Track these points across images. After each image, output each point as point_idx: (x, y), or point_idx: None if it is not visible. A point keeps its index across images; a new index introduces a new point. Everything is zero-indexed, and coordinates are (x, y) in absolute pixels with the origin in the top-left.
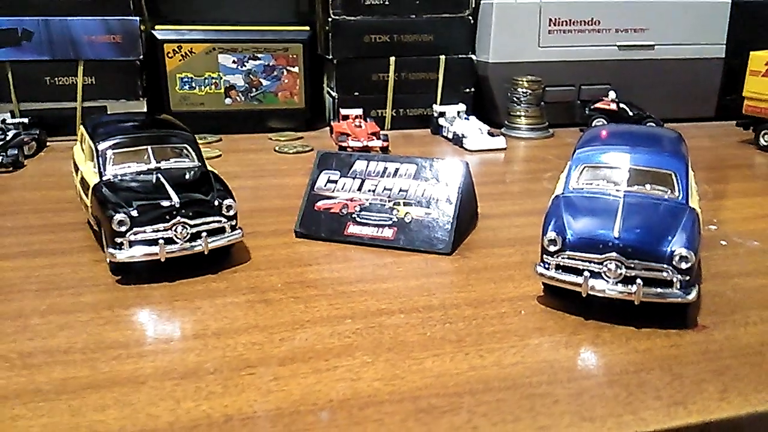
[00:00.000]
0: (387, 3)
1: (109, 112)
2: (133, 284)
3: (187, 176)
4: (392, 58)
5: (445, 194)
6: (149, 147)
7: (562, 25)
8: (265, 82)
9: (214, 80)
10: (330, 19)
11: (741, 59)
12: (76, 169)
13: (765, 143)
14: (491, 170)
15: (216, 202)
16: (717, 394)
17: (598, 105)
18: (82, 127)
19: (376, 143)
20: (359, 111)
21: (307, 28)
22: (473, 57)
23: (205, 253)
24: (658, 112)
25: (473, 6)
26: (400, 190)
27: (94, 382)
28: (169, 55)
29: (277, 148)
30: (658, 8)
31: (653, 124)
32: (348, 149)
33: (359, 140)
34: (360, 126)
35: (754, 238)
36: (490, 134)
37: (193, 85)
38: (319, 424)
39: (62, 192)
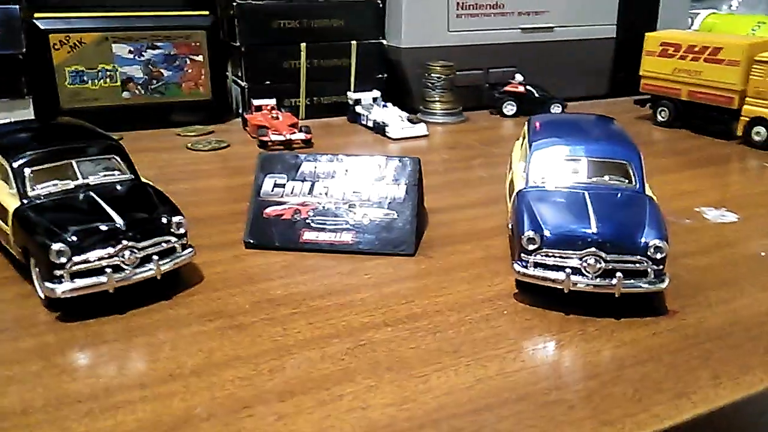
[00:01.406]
0: None
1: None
2: (77, 321)
3: (121, 192)
4: (303, 44)
5: (401, 193)
6: (73, 161)
7: (469, 9)
8: (166, 73)
9: (109, 73)
10: (235, 4)
11: (630, 38)
12: None
13: (662, 119)
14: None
15: (164, 220)
16: (711, 380)
17: (507, 88)
18: None
19: (299, 136)
20: (273, 101)
21: (207, 12)
22: (384, 42)
23: (158, 278)
24: (559, 91)
25: None
26: (354, 192)
27: None
28: (56, 46)
29: (189, 145)
30: None
31: (559, 105)
32: (269, 144)
33: (281, 134)
34: (277, 118)
35: (685, 216)
36: (410, 121)
37: (85, 78)
38: None
39: None
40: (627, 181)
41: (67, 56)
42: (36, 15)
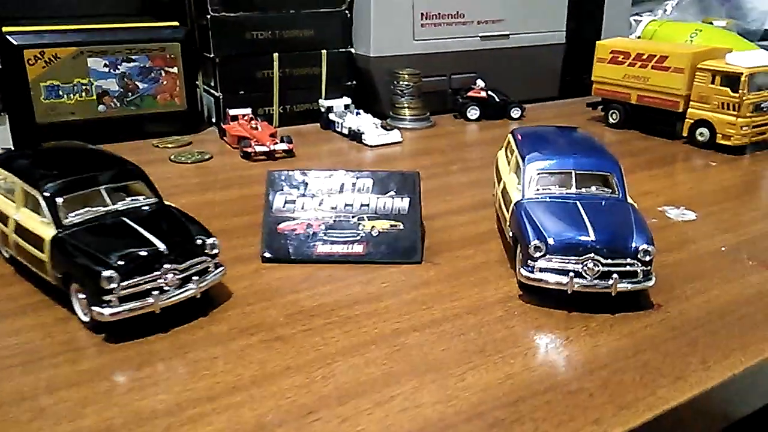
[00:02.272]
0: None
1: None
2: (125, 341)
3: (150, 216)
4: (275, 54)
5: (405, 205)
6: (101, 188)
7: (432, 18)
8: (142, 86)
9: (84, 87)
10: (209, 16)
11: (577, 44)
12: (2, 219)
13: (613, 121)
14: (400, 167)
15: (199, 242)
16: (701, 365)
17: (470, 94)
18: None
19: (281, 146)
20: (248, 110)
21: (177, 24)
22: (353, 51)
23: (197, 297)
24: (514, 94)
25: (348, 1)
26: (362, 205)
27: None
28: (30, 62)
29: (172, 158)
30: (511, 1)
31: (518, 109)
32: (252, 155)
33: (264, 145)
34: (256, 128)
35: (651, 216)
36: (384, 128)
37: (61, 93)
38: None
39: None
40: (611, 190)
41: (42, 71)
42: (5, 29)
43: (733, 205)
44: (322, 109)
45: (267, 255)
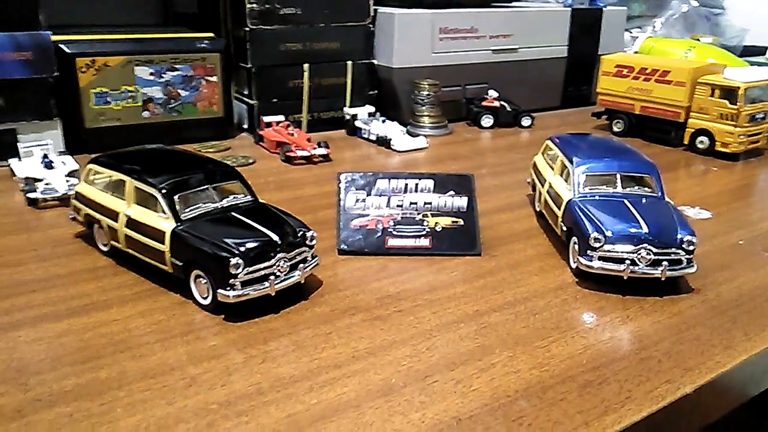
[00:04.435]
0: (300, 12)
1: (19, 135)
2: (244, 321)
3: (253, 211)
4: (306, 65)
5: (464, 203)
6: (210, 186)
7: (449, 33)
8: (183, 93)
9: (131, 93)
10: (247, 29)
11: (578, 58)
12: (107, 214)
13: (618, 130)
14: (432, 170)
15: (300, 233)
16: (744, 336)
17: (484, 103)
18: (101, 166)
19: (320, 151)
20: (281, 117)
21: (212, 35)
22: (375, 62)
23: (302, 282)
24: (521, 103)
25: (372, 15)
26: (425, 203)
27: (318, 413)
28: (82, 69)
29: None
30: (520, 17)
31: (528, 118)
32: (294, 160)
33: (305, 150)
34: (292, 134)
35: None
36: (410, 134)
37: (109, 99)
38: (526, 410)
39: (44, 233)
40: (650, 190)
41: (92, 78)
42: (56, 38)
43: (740, 205)
44: (347, 117)
45: (343, 248)
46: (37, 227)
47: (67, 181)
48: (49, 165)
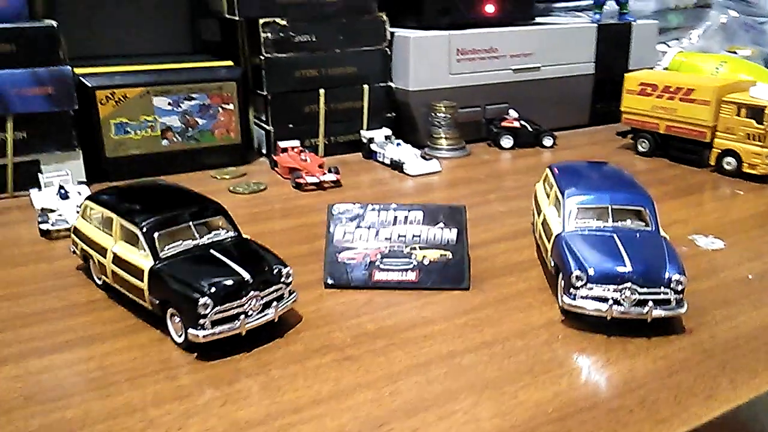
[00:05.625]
0: (314, 39)
1: (43, 165)
2: (215, 360)
3: (233, 248)
4: (321, 90)
5: (453, 236)
6: (191, 223)
7: (467, 54)
8: (201, 121)
9: (149, 123)
10: (263, 57)
11: (606, 74)
12: (98, 250)
13: (642, 149)
14: (441, 196)
15: (275, 271)
16: (729, 385)
17: (504, 123)
18: (94, 203)
19: (330, 177)
20: (296, 143)
21: (230, 63)
22: (392, 85)
23: (275, 321)
24: (545, 122)
25: (389, 39)
26: (414, 236)
27: None
28: (102, 102)
29: (231, 188)
30: (541, 35)
31: (550, 138)
32: (304, 186)
33: (314, 176)
34: (305, 159)
35: (682, 244)
36: (423, 158)
37: (128, 129)
38: None
39: (51, 265)
40: (644, 224)
41: (112, 110)
42: (79, 71)
43: (759, 233)
44: (364, 140)
45: (329, 281)
46: (44, 259)
47: (77, 212)
48: (64, 195)
